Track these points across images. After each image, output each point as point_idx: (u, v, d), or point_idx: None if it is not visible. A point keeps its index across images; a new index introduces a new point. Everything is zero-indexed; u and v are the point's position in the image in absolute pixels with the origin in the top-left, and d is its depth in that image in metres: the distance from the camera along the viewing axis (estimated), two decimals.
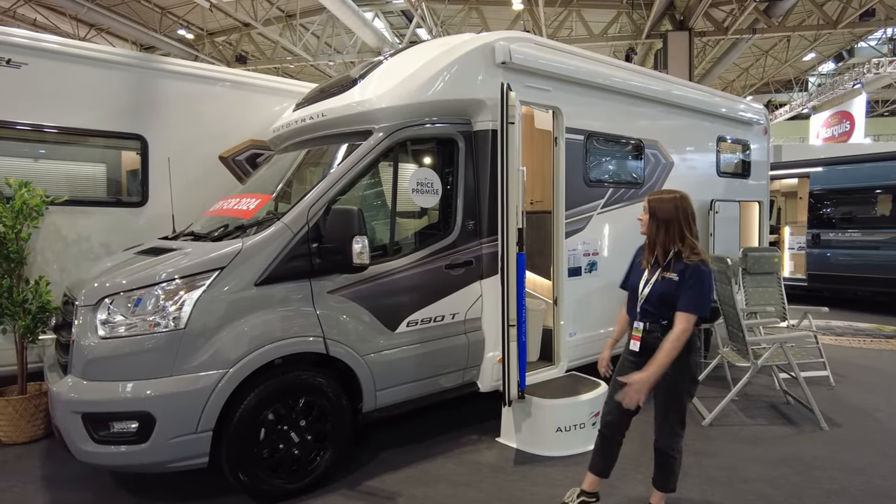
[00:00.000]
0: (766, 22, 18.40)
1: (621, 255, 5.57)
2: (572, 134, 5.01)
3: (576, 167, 5.07)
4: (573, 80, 4.92)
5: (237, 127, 5.74)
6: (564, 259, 4.98)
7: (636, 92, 5.50)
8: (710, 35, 19.40)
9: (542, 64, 4.64)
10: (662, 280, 3.06)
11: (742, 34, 18.93)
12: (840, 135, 19.86)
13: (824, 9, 18.61)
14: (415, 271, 4.13)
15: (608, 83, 5.22)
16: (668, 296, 3.02)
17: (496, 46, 4.40)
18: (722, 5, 18.56)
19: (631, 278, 3.37)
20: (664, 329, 3.04)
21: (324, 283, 3.73)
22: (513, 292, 4.08)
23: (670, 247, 3.07)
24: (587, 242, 5.19)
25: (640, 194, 5.68)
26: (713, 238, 6.30)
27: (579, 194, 5.11)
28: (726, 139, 6.77)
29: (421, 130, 4.25)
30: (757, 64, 23.90)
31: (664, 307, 3.06)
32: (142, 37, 16.96)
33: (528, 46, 4.59)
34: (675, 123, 6.06)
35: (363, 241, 3.59)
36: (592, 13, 19.77)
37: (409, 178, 4.19)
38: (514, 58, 4.40)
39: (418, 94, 4.19)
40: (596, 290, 5.30)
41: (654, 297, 3.10)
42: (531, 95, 4.68)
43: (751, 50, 22.74)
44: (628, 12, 19.42)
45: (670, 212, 3.08)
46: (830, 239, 10.00)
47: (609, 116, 5.35)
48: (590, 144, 5.17)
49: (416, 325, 4.16)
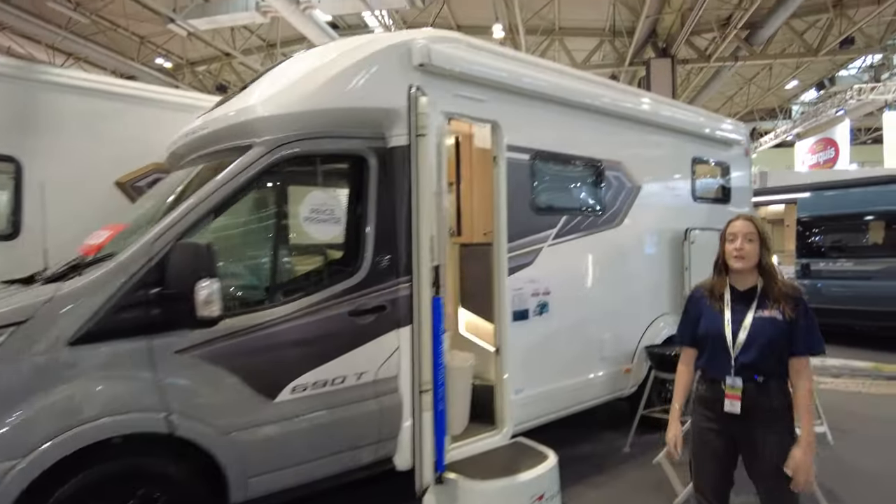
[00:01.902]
0: (748, 50, 17.72)
1: (579, 294, 4.63)
2: (515, 153, 4.08)
3: (521, 191, 4.12)
4: (515, 89, 4.00)
5: (139, 148, 4.79)
6: (507, 300, 4.01)
7: (594, 105, 4.58)
8: (692, 62, 18.75)
9: (473, 69, 3.72)
10: (766, 320, 2.45)
11: (724, 62, 18.26)
12: (825, 161, 19.04)
13: (804, 37, 17.97)
14: (305, 321, 3.14)
15: (559, 94, 4.30)
16: (777, 340, 2.43)
17: (413, 46, 3.48)
18: (704, 33, 17.91)
19: (703, 325, 2.64)
20: (762, 387, 2.45)
21: (169, 340, 2.75)
22: (426, 348, 3.11)
23: (772, 281, 2.52)
24: (536, 280, 4.22)
25: (601, 223, 4.73)
26: (689, 272, 5.33)
27: (525, 223, 4.15)
28: (703, 161, 5.84)
29: (317, 145, 3.30)
30: (741, 92, 23.19)
31: (771, 355, 2.44)
32: (120, 66, 16.21)
33: (454, 47, 3.68)
34: (642, 143, 5.13)
35: (212, 285, 2.63)
36: (575, 41, 19.11)
37: (300, 204, 3.24)
38: (433, 59, 3.48)
39: (312, 100, 3.26)
40: (548, 335, 4.31)
41: (759, 344, 2.44)
42: (462, 106, 3.75)
43: (734, 78, 22.04)
44: (611, 40, 18.76)
45: (768, 236, 2.56)
46: (821, 269, 8.99)
47: (561, 133, 4.42)
48: (537, 165, 4.23)
49: (306, 390, 3.15)
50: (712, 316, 2.58)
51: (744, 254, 2.51)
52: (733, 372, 2.49)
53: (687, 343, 2.75)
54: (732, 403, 2.49)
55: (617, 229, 4.86)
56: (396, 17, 17.96)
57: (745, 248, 2.51)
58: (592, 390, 4.69)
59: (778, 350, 2.43)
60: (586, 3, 16.97)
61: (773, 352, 2.43)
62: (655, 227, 5.25)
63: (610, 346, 4.82)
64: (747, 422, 2.47)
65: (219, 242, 2.91)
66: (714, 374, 2.57)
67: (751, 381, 2.46)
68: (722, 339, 2.52)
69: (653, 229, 5.22)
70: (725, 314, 2.54)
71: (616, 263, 4.86)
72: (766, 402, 2.45)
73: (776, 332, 2.42)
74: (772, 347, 2.43)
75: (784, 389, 2.47)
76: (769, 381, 2.46)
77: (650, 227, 5.19)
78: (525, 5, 16.06)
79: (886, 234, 8.32)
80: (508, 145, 4.02)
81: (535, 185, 4.21)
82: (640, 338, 5.08)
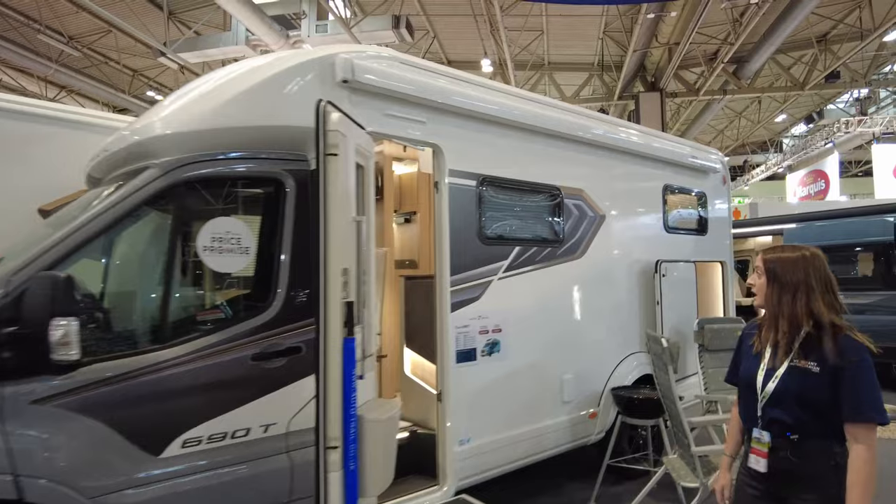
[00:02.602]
0: (736, 83, 17.60)
1: (536, 332, 4.16)
2: (461, 178, 3.71)
3: (467, 220, 3.73)
4: (460, 111, 3.64)
5: (67, 174, 4.43)
6: (450, 339, 3.57)
7: (551, 130, 4.22)
8: (681, 96, 18.62)
9: (407, 87, 3.36)
10: (795, 372, 2.10)
11: (713, 95, 18.12)
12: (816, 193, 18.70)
13: (791, 72, 17.85)
14: (198, 365, 2.68)
15: (511, 118, 3.93)
16: (809, 396, 2.06)
17: (336, 61, 3.13)
18: (692, 67, 17.83)
19: (742, 366, 2.35)
20: (795, 447, 2.09)
21: (24, 387, 2.31)
22: (333, 398, 2.66)
23: (802, 323, 2.12)
24: (484, 316, 3.79)
25: (560, 254, 4.31)
26: (660, 307, 4.89)
27: (473, 254, 3.75)
28: (676, 190, 5.45)
29: (224, 167, 2.91)
30: (732, 125, 23.05)
31: (803, 412, 2.08)
32: (113, 98, 16.10)
33: (385, 64, 3.33)
34: (607, 170, 4.75)
35: (70, 324, 2.22)
36: (565, 76, 19.03)
37: (200, 232, 2.84)
38: (357, 75, 3.12)
39: (218, 118, 2.88)
40: (500, 378, 3.86)
41: (786, 397, 2.11)
42: (395, 127, 3.39)
43: (725, 112, 21.93)
44: (600, 74, 18.67)
45: (798, 273, 2.15)
46: None
47: (512, 158, 4.04)
48: (486, 192, 3.84)
49: (200, 444, 2.69)
50: (751, 358, 2.29)
51: (755, 289, 2.27)
52: (761, 424, 2.18)
53: (733, 382, 2.47)
54: (757, 460, 2.18)
55: (579, 261, 4.44)
56: None
57: (756, 282, 2.27)
58: (553, 438, 4.20)
59: (813, 407, 2.07)
60: (575, 37, 16.92)
61: (808, 408, 2.07)
62: (623, 259, 4.83)
63: (572, 389, 4.35)
64: (780, 485, 2.14)
65: (96, 276, 2.51)
66: (745, 424, 2.30)
67: (781, 436, 2.12)
68: (752, 385, 2.22)
69: (620, 261, 4.81)
70: (764, 358, 2.22)
71: (578, 297, 4.44)
72: (801, 466, 2.08)
73: (807, 386, 2.07)
74: (802, 403, 2.08)
75: (831, 453, 2.06)
76: (806, 442, 2.09)
77: (617, 258, 4.78)
78: (513, 40, 15.99)
79: (876, 266, 7.87)
80: (453, 170, 3.65)
81: (484, 214, 3.82)
82: (608, 379, 4.62)
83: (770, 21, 14.54)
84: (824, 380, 2.03)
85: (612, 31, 16.18)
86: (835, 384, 2.02)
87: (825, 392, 2.03)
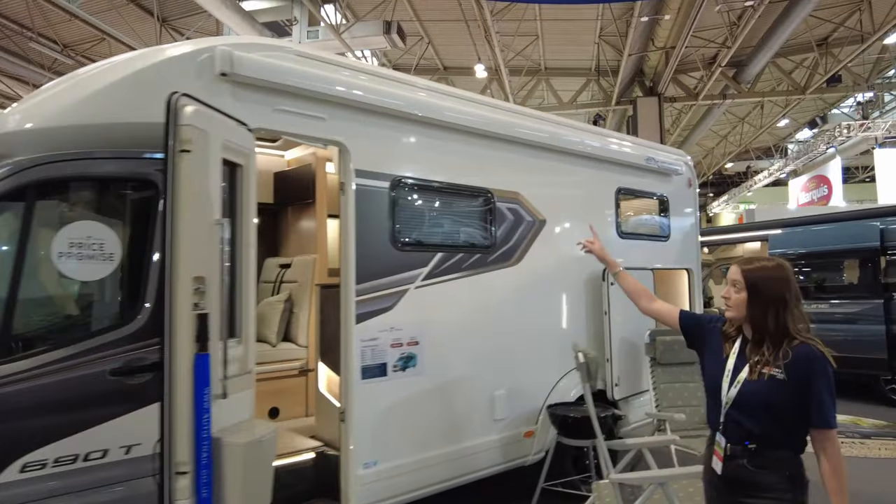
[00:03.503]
0: (736, 88, 17.11)
1: (461, 345, 3.75)
2: (372, 179, 3.39)
3: (378, 224, 3.41)
4: (365, 106, 3.33)
5: None
6: (354, 353, 3.26)
7: (479, 129, 3.89)
8: (680, 101, 18.16)
9: (298, 81, 3.05)
10: (763, 379, 2.03)
11: (713, 100, 17.65)
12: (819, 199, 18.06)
13: (792, 76, 17.32)
14: (43, 381, 2.38)
15: (429, 115, 3.62)
16: (775, 402, 2.01)
17: (216, 53, 2.85)
18: (691, 72, 17.38)
19: (707, 366, 2.29)
20: (752, 456, 2.03)
21: None
22: (183, 418, 2.36)
23: (781, 338, 2.04)
24: (398, 328, 3.46)
25: (491, 261, 3.98)
26: (608, 317, 4.52)
27: (384, 261, 3.43)
28: (631, 193, 5.09)
29: (84, 167, 2.62)
30: (734, 131, 22.47)
31: (765, 419, 2.02)
32: None
33: (272, 56, 3.03)
34: (549, 172, 4.40)
35: None
36: (562, 81, 18.67)
37: (56, 237, 2.56)
38: (237, 67, 2.82)
39: (78, 114, 2.59)
40: (416, 395, 3.53)
41: (751, 403, 2.05)
42: (289, 124, 3.09)
43: (727, 117, 21.37)
44: (597, 79, 18.29)
45: (779, 287, 2.08)
46: None
47: (435, 159, 3.71)
48: (400, 194, 3.53)
49: (45, 468, 2.39)
50: (717, 359, 2.22)
51: (730, 303, 2.17)
52: (722, 428, 2.14)
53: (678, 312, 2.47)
54: (715, 462, 2.15)
55: (514, 268, 4.10)
56: (383, 59, 17.73)
57: (731, 296, 2.17)
58: (481, 459, 3.85)
59: (776, 414, 2.01)
60: (570, 42, 16.58)
61: (771, 416, 2.02)
62: (568, 267, 4.47)
63: (505, 406, 4.00)
64: (734, 490, 2.07)
65: None
66: (711, 430, 2.24)
67: (740, 444, 2.07)
68: (717, 388, 2.16)
69: (564, 269, 4.44)
70: (729, 361, 2.15)
71: (513, 307, 4.09)
72: (756, 475, 2.02)
73: (773, 393, 2.00)
74: (767, 410, 2.02)
75: (790, 463, 2.02)
76: (764, 451, 2.03)
77: (560, 265, 4.42)
78: (507, 45, 15.69)
79: (862, 274, 7.39)
80: (362, 171, 3.34)
81: (399, 218, 3.50)
82: (548, 395, 4.26)
83: (768, 24, 14.11)
84: (790, 387, 1.97)
85: (607, 36, 15.82)
86: (800, 392, 1.97)
87: (790, 399, 1.98)
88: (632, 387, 4.66)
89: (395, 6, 13.92)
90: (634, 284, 2.72)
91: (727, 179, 28.24)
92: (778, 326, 2.04)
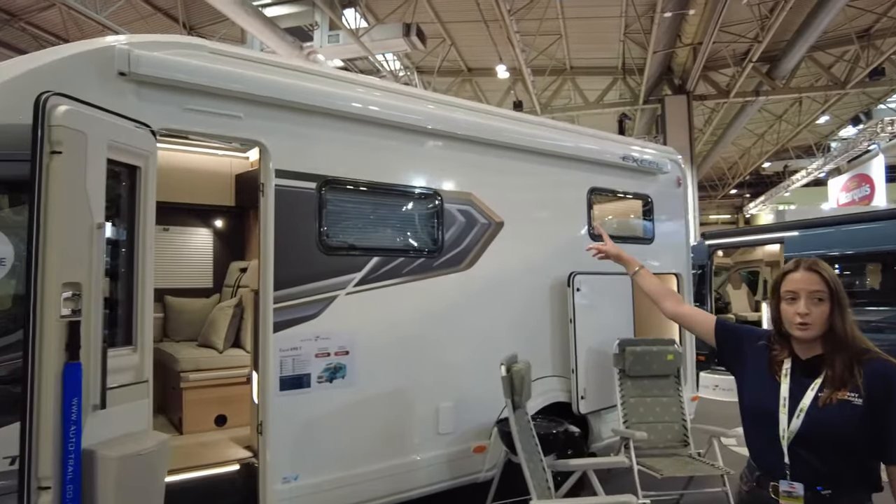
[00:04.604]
0: (770, 84, 16.21)
1: (400, 355, 3.47)
2: (296, 180, 3.20)
3: (304, 227, 3.22)
4: (285, 103, 3.13)
5: None
6: (272, 363, 3.07)
7: (422, 127, 3.64)
8: (710, 98, 17.36)
9: (207, 79, 2.87)
10: (833, 406, 1.64)
11: (745, 97, 16.79)
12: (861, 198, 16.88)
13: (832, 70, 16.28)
14: None
15: (361, 112, 3.39)
16: (850, 434, 1.62)
17: (115, 52, 2.71)
18: (721, 68, 16.58)
19: (749, 390, 1.88)
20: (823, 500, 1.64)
21: None
22: (46, 430, 2.22)
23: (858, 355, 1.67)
24: (324, 336, 3.25)
25: (438, 266, 3.72)
26: (573, 325, 4.19)
27: (309, 266, 3.22)
28: (607, 193, 4.74)
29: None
30: (771, 129, 21.35)
31: (838, 456, 1.64)
32: None
33: (178, 53, 2.86)
34: (508, 172, 4.09)
35: None
36: (588, 81, 18.14)
37: None
38: (135, 66, 2.67)
39: None
40: (345, 407, 3.31)
41: (821, 437, 1.65)
42: (201, 123, 2.92)
43: (762, 115, 20.33)
44: (623, 78, 17.68)
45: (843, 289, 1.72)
46: None
47: (370, 159, 3.48)
48: (329, 196, 3.32)
49: None
50: (764, 382, 1.80)
51: (810, 320, 1.70)
52: (789, 473, 1.69)
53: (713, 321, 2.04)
54: None
55: (465, 273, 3.83)
56: (406, 61, 17.63)
57: (812, 311, 1.70)
58: (424, 475, 3.59)
59: (851, 450, 1.64)
60: (595, 40, 16.08)
61: (844, 451, 1.64)
62: (529, 271, 4.16)
63: (452, 419, 3.73)
64: None
65: None
66: (762, 469, 1.80)
67: (811, 490, 1.66)
68: (772, 421, 1.73)
69: (525, 273, 4.13)
70: (783, 387, 1.74)
71: (463, 315, 3.82)
72: None
73: (848, 422, 1.62)
74: (840, 444, 1.64)
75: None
76: (839, 496, 1.65)
77: (520, 270, 4.11)
78: (529, 44, 15.32)
79: (884, 278, 6.74)
80: (285, 171, 3.15)
81: (327, 220, 3.29)
82: (503, 409, 3.96)
83: (802, 16, 13.29)
84: (866, 414, 1.60)
85: (632, 33, 15.25)
86: (877, 418, 1.60)
87: (867, 429, 1.61)
88: (602, 400, 4.32)
89: (415, 8, 13.76)
90: (658, 285, 2.28)
91: (765, 179, 26.89)
92: (856, 339, 1.69)
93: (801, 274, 1.75)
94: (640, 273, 2.35)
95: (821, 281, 1.71)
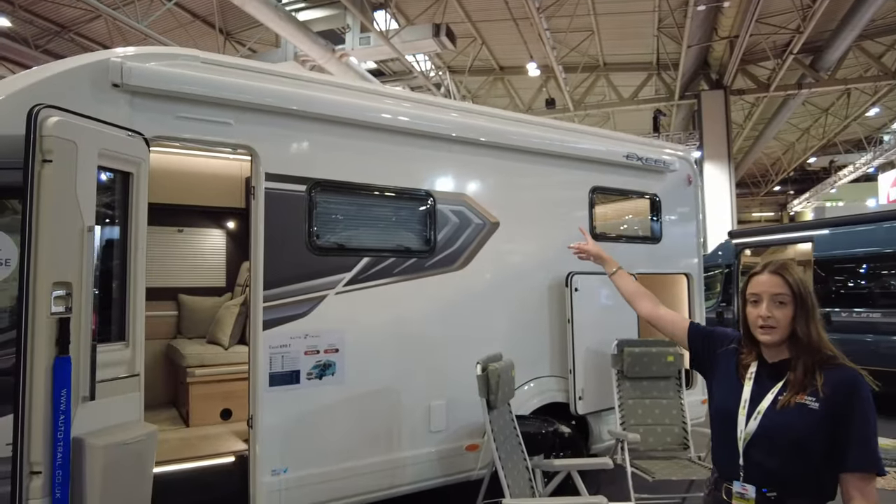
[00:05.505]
0: (814, 76, 15.53)
1: (392, 353, 3.55)
2: (286, 183, 3.29)
3: (294, 228, 3.31)
4: (273, 109, 3.22)
5: None
6: (262, 359, 3.19)
7: (406, 128, 3.67)
8: (749, 93, 16.75)
9: (199, 88, 2.99)
10: (790, 409, 1.64)
11: (787, 90, 16.13)
12: None
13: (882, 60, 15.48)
14: None
15: (348, 116, 3.44)
16: (804, 438, 1.61)
17: (109, 64, 2.87)
18: (760, 61, 15.98)
19: (716, 392, 1.89)
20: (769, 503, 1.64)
21: None
22: (38, 419, 2.38)
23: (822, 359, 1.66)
24: (314, 335, 3.34)
25: (431, 266, 3.76)
26: (571, 325, 4.16)
27: (300, 266, 3.32)
28: (610, 192, 4.67)
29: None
30: (817, 123, 20.47)
31: (791, 459, 1.63)
32: None
33: (170, 64, 3.00)
34: (505, 172, 4.09)
35: None
36: (622, 77, 17.79)
37: None
38: (128, 78, 2.81)
39: None
40: (333, 403, 3.39)
41: (775, 438, 1.65)
42: (192, 130, 3.05)
43: (807, 108, 19.51)
44: (658, 74, 17.26)
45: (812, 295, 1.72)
46: (843, 321, 7.09)
47: (360, 161, 3.53)
48: (319, 198, 3.40)
49: None
50: (731, 385, 1.80)
51: (773, 323, 1.69)
52: (743, 475, 1.69)
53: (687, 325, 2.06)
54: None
55: (459, 273, 3.86)
56: (438, 61, 17.70)
57: (774, 314, 1.70)
58: (413, 472, 3.64)
59: (805, 455, 1.62)
60: (628, 35, 15.77)
61: (798, 457, 1.62)
62: (526, 272, 4.14)
63: (444, 417, 3.77)
64: None
65: None
66: (720, 471, 1.82)
67: (757, 492, 1.67)
68: (731, 422, 1.74)
69: (521, 274, 4.12)
70: (745, 389, 1.74)
71: (456, 314, 3.84)
72: None
73: (805, 426, 1.61)
74: (795, 447, 1.62)
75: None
76: (786, 499, 1.63)
77: (516, 270, 4.10)
78: (561, 41, 15.17)
79: None
80: (274, 175, 3.25)
81: (317, 222, 3.38)
82: None
83: (848, 4, 12.68)
84: (824, 419, 1.58)
85: (666, 27, 14.88)
86: (836, 425, 1.58)
87: (824, 434, 1.59)
88: (601, 401, 4.27)
89: (445, 8, 13.81)
90: (634, 286, 2.29)
91: (811, 175, 25.77)
92: (821, 344, 1.66)
93: (766, 277, 1.74)
94: (618, 273, 2.37)
95: (784, 284, 1.69)
